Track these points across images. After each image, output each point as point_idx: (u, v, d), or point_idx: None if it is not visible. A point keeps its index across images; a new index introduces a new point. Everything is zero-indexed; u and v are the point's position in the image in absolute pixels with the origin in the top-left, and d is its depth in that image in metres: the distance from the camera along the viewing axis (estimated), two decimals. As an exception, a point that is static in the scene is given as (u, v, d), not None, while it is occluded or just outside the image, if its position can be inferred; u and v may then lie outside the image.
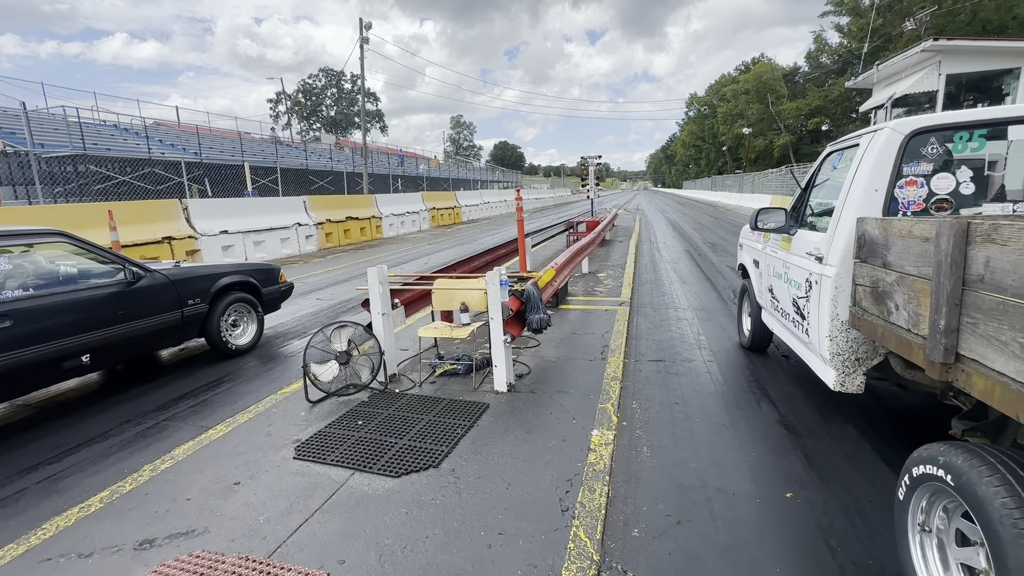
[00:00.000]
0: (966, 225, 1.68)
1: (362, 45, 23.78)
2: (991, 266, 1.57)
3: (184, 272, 4.70)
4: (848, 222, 2.63)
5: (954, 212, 2.55)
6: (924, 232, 1.91)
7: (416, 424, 3.38)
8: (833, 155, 3.35)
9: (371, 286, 4.07)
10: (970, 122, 2.51)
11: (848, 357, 2.68)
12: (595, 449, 2.98)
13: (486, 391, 3.91)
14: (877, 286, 2.30)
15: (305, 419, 3.58)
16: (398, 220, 20.64)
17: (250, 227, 13.35)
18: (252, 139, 32.73)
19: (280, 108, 66.23)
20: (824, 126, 41.24)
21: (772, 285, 3.77)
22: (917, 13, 31.73)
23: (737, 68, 59.86)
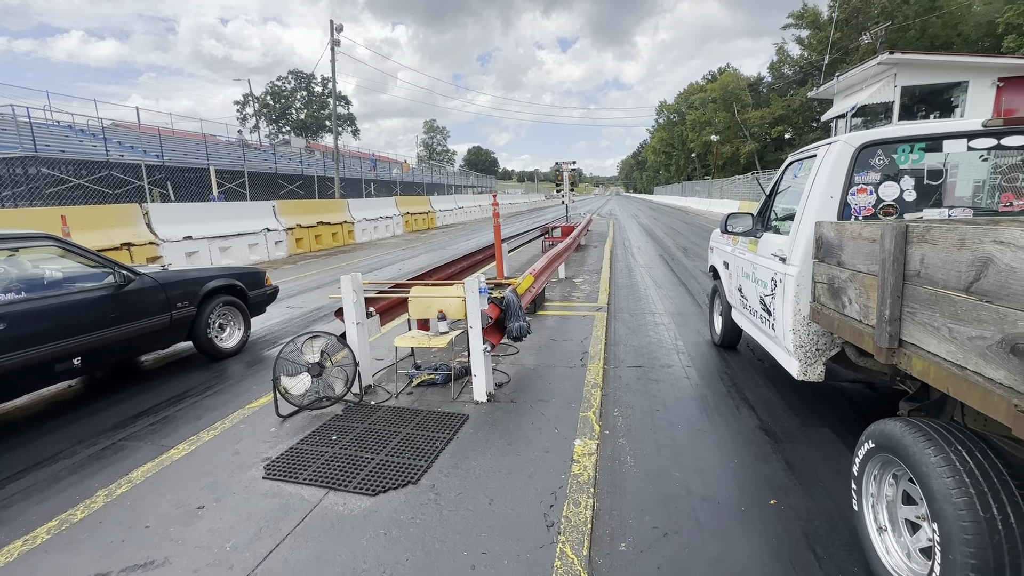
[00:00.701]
0: (905, 227, 1.90)
1: (333, 47, 23.38)
2: (925, 262, 1.80)
3: (172, 276, 4.74)
4: (808, 226, 2.85)
5: (899, 217, 2.79)
6: (871, 234, 2.13)
7: (393, 438, 3.26)
8: (794, 164, 3.60)
9: (344, 294, 3.93)
10: (911, 136, 2.77)
11: (810, 348, 2.90)
12: (578, 460, 2.93)
13: (465, 401, 3.82)
14: (833, 283, 2.52)
15: (275, 435, 3.41)
16: (371, 225, 20.30)
17: (216, 232, 12.88)
18: (218, 142, 31.75)
19: (248, 110, 64.54)
20: (787, 134, 42.78)
21: (741, 285, 4.00)
22: (872, 28, 33.34)
23: (704, 77, 61.53)
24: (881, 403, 3.53)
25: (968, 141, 2.72)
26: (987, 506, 1.50)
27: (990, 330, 1.51)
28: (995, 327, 1.49)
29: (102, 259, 4.19)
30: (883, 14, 35.29)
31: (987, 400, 1.53)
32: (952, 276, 1.67)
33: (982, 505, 1.51)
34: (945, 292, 1.70)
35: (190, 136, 30.72)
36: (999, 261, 1.49)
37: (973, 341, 1.58)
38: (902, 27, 33.65)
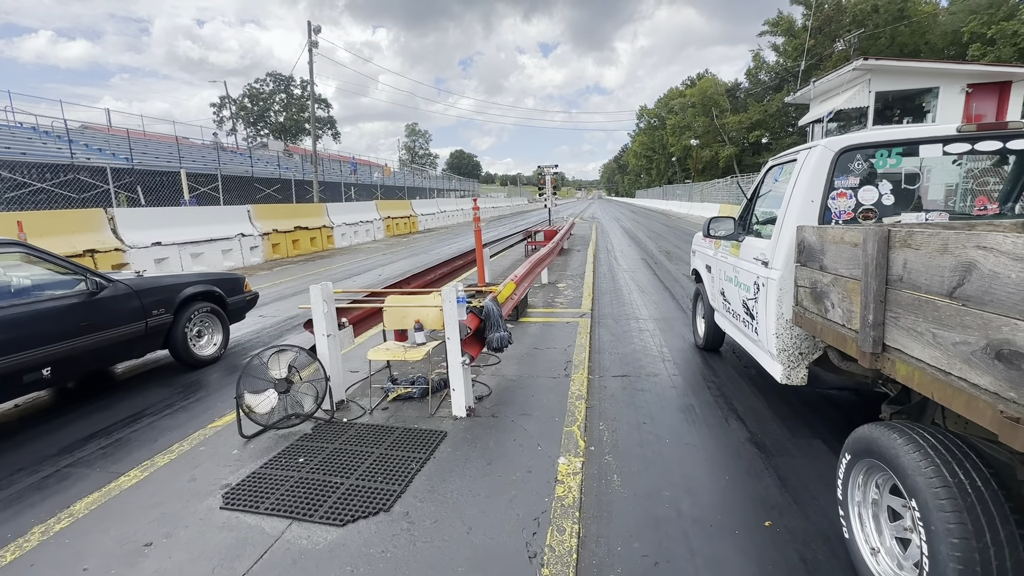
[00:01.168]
0: (888, 232, 1.90)
1: (311, 49, 22.96)
2: (908, 267, 1.81)
3: (148, 282, 4.61)
4: (789, 230, 2.86)
5: (878, 221, 2.82)
6: (854, 238, 2.13)
7: (365, 459, 3.05)
8: (774, 169, 3.60)
9: (314, 305, 3.71)
10: (888, 141, 2.78)
11: (793, 352, 2.91)
12: (563, 480, 2.76)
13: (443, 417, 3.63)
14: (816, 287, 2.53)
15: (237, 458, 3.17)
16: (351, 230, 19.92)
17: (187, 238, 12.43)
18: (192, 144, 30.93)
19: (224, 113, 63.17)
20: (764, 139, 43.55)
21: (724, 288, 4.00)
22: (844, 35, 34.19)
23: (684, 82, 62.39)
24: (869, 412, 3.43)
25: (943, 146, 2.73)
26: (972, 506, 1.51)
27: (974, 336, 1.50)
28: (979, 333, 1.48)
29: (73, 265, 4.06)
30: (854, 22, 36.28)
31: (972, 406, 1.52)
32: (935, 281, 1.67)
33: (967, 506, 1.51)
34: (928, 297, 1.70)
35: (163, 139, 29.86)
36: (982, 266, 1.48)
37: (957, 347, 1.57)
38: (873, 35, 34.60)
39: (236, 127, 62.31)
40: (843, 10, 37.79)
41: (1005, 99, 13.43)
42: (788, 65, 41.16)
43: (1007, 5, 27.05)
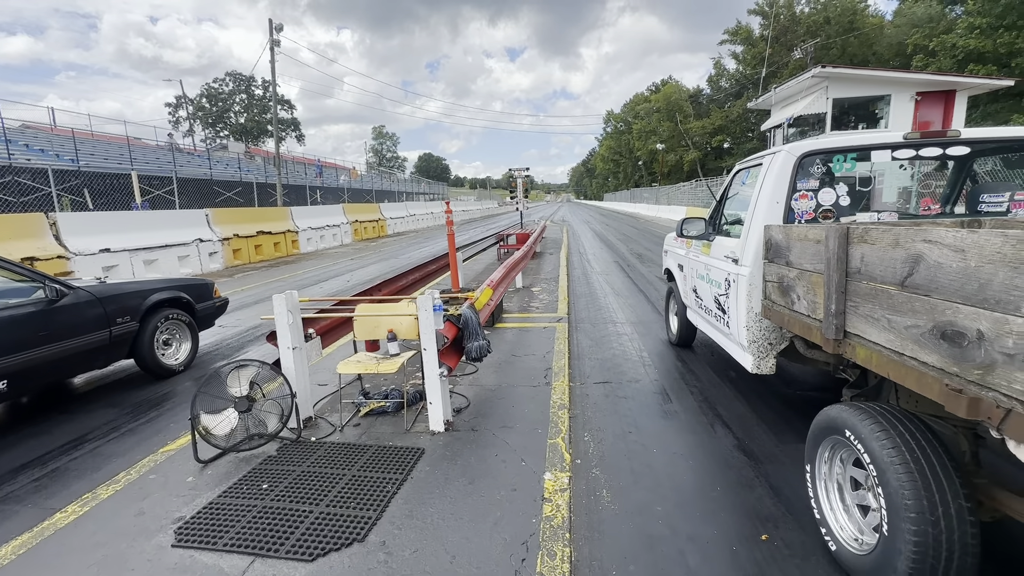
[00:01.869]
0: (847, 230, 2.08)
1: (272, 48, 22.22)
2: (865, 260, 1.98)
3: (111, 289, 4.41)
4: (757, 229, 3.03)
5: (836, 220, 3.01)
6: (817, 236, 2.30)
7: (337, 482, 2.82)
8: (741, 172, 3.82)
9: (278, 315, 3.44)
10: (844, 147, 3.02)
11: (762, 343, 3.09)
12: (550, 498, 2.61)
13: (420, 432, 3.42)
14: (783, 281, 2.68)
15: (193, 487, 2.88)
16: (317, 234, 19.31)
17: (139, 244, 11.71)
18: (145, 146, 29.45)
19: (181, 113, 60.58)
20: (726, 143, 44.88)
21: (696, 286, 4.17)
22: (800, 44, 35.63)
23: (649, 88, 63.67)
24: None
25: (892, 152, 2.97)
26: (921, 467, 1.70)
27: (923, 319, 1.67)
28: (927, 316, 1.65)
29: (30, 272, 3.90)
30: (808, 32, 37.87)
31: (922, 381, 1.69)
32: (889, 272, 1.84)
33: (917, 467, 1.70)
34: (883, 287, 1.87)
35: (113, 139, 28.27)
36: (928, 258, 1.65)
37: (909, 330, 1.74)
38: (825, 45, 36.18)
39: (193, 128, 59.88)
40: (798, 21, 39.39)
41: (951, 106, 14.17)
42: (747, 73, 42.59)
43: (946, 20, 28.77)
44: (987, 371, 1.44)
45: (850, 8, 37.92)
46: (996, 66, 21.98)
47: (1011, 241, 1.37)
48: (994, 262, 1.42)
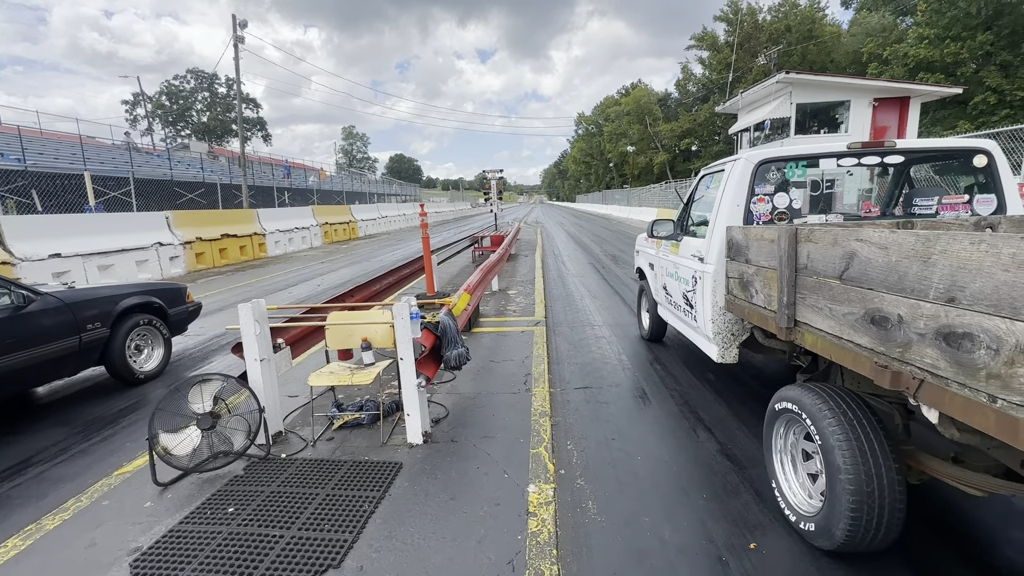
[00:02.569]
0: (796, 230, 2.32)
1: (236, 44, 21.49)
2: (810, 257, 2.23)
3: (81, 294, 4.33)
4: (720, 230, 3.28)
5: (790, 222, 3.27)
6: (771, 236, 2.55)
7: (309, 503, 2.66)
8: (706, 177, 4.07)
9: (244, 326, 3.25)
10: (795, 155, 3.28)
11: (726, 335, 3.33)
12: (535, 512, 2.53)
13: (398, 445, 3.29)
14: (743, 277, 2.93)
15: (151, 512, 2.68)
16: (285, 237, 18.75)
17: (93, 248, 11.08)
18: (100, 145, 28.04)
19: (139, 111, 58.00)
20: (694, 146, 45.94)
21: (666, 283, 4.42)
22: (763, 51, 36.78)
23: (619, 91, 64.58)
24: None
25: (837, 160, 3.25)
26: (858, 438, 1.95)
27: (856, 307, 1.91)
28: (859, 304, 1.90)
29: None
30: (771, 39, 39.14)
31: (857, 360, 1.93)
32: (829, 267, 2.08)
33: (855, 437, 1.95)
34: (825, 280, 2.12)
35: (65, 138, 26.80)
36: (860, 254, 1.90)
37: (846, 316, 1.98)
38: (787, 52, 37.44)
39: (152, 127, 57.44)
40: (761, 28, 40.65)
41: (905, 112, 14.82)
42: (714, 78, 43.67)
43: (897, 30, 30.19)
44: (905, 349, 1.68)
45: (809, 17, 39.37)
46: (943, 75, 23.15)
47: (922, 239, 1.63)
48: (909, 257, 1.67)
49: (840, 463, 1.93)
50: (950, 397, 1.52)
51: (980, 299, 1.41)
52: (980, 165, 3.23)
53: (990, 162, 3.20)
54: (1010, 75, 22.55)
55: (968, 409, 1.46)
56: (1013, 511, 2.46)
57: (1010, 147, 12.02)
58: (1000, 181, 3.21)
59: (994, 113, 22.76)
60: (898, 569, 2.09)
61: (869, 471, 1.89)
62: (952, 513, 2.46)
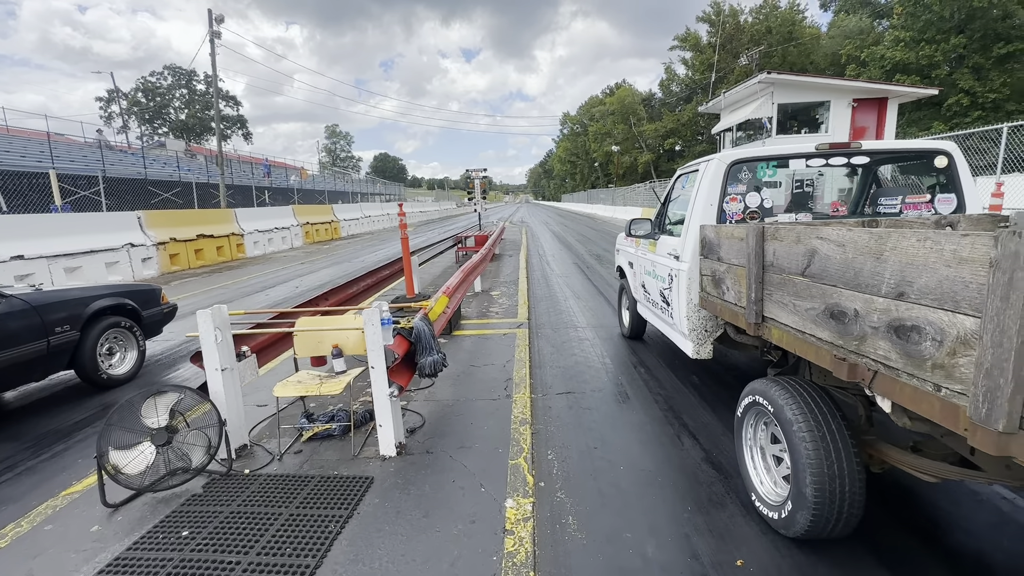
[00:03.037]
0: (763, 229, 2.38)
1: (212, 40, 20.94)
2: (776, 255, 2.29)
3: (48, 296, 4.24)
4: (695, 229, 3.34)
5: (761, 220, 3.31)
6: (740, 234, 2.60)
7: (271, 524, 2.49)
8: (682, 177, 4.15)
9: (203, 334, 3.05)
10: (766, 156, 3.38)
11: (700, 331, 3.40)
12: (512, 529, 2.39)
13: (370, 457, 3.12)
14: (715, 274, 3.00)
15: (97, 538, 2.47)
16: (264, 237, 18.33)
17: (59, 250, 10.65)
18: (70, 142, 27.15)
19: (114, 108, 56.42)
20: (678, 146, 46.27)
21: (644, 281, 4.48)
22: (745, 51, 37.19)
23: (603, 91, 64.78)
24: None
25: (806, 161, 3.34)
26: (821, 428, 2.03)
27: (817, 302, 1.98)
28: (820, 300, 1.96)
29: None
30: (752, 41, 39.60)
31: (819, 354, 2.00)
32: (793, 264, 2.15)
33: (817, 427, 2.03)
34: (789, 277, 2.18)
35: (34, 135, 25.86)
36: (820, 252, 1.96)
37: (808, 311, 2.05)
38: (767, 53, 37.91)
39: (128, 124, 55.96)
40: (742, 29, 41.11)
41: (883, 112, 15.03)
42: (697, 78, 44.05)
43: (874, 32, 30.75)
44: (861, 342, 1.75)
45: (789, 19, 39.93)
46: (919, 76, 23.61)
47: (875, 237, 1.69)
48: (864, 254, 1.74)
49: (803, 453, 2.02)
50: (900, 387, 1.59)
51: (926, 293, 1.47)
52: (941, 166, 3.34)
53: (950, 163, 3.31)
54: (982, 78, 23.09)
55: (916, 398, 1.53)
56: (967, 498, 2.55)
57: (983, 148, 12.26)
58: (960, 181, 3.31)
59: (967, 115, 23.29)
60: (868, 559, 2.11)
61: (831, 460, 1.97)
62: (912, 501, 2.55)
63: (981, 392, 1.28)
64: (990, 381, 1.26)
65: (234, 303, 8.42)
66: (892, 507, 2.48)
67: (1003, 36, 22.23)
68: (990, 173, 11.03)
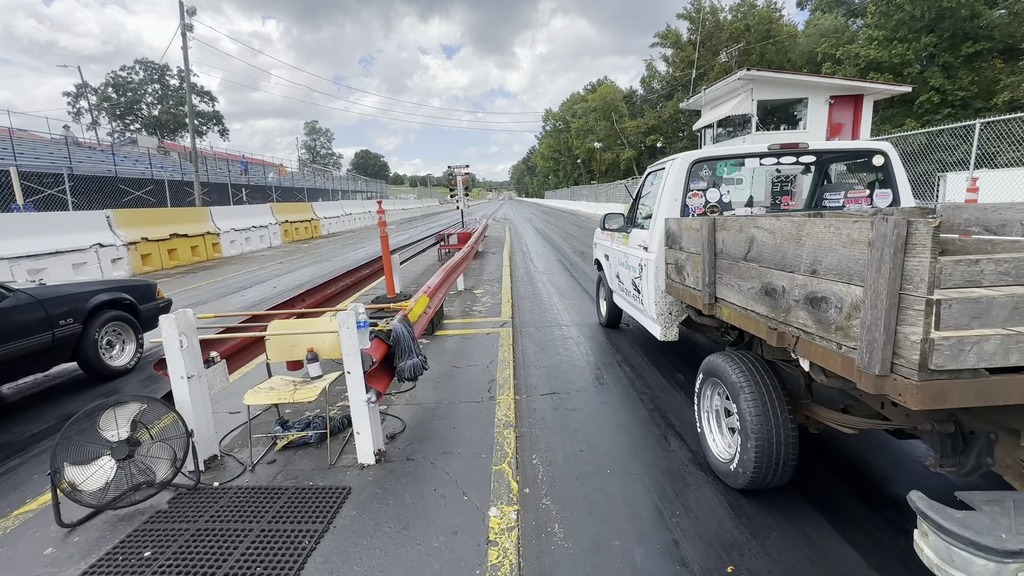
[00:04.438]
0: (713, 220, 2.67)
1: (184, 33, 20.30)
2: (724, 243, 2.59)
3: (52, 291, 4.41)
4: (660, 222, 3.60)
5: (720, 214, 3.58)
6: (696, 226, 2.93)
7: (241, 541, 2.35)
8: (651, 174, 4.38)
9: (166, 340, 2.88)
10: (724, 155, 3.68)
11: (667, 315, 3.68)
12: (496, 540, 2.29)
13: (347, 466, 3.00)
14: (678, 263, 3.27)
15: (50, 562, 2.30)
16: (241, 236, 17.88)
17: (21, 251, 10.18)
18: (35, 138, 26.09)
19: (83, 104, 54.49)
20: (659, 143, 46.57)
21: (619, 272, 4.73)
22: (724, 49, 37.58)
23: (586, 88, 64.88)
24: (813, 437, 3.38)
25: (760, 160, 3.62)
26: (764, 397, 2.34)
27: (755, 282, 2.26)
28: (757, 280, 2.24)
29: None
30: (731, 38, 40.04)
31: (757, 326, 2.28)
32: (737, 250, 2.43)
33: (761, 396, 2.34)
34: (734, 262, 2.46)
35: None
36: (758, 239, 2.24)
37: (749, 291, 2.33)
38: (746, 51, 38.38)
39: (98, 120, 54.13)
40: (721, 27, 41.54)
41: (859, 110, 15.28)
42: (677, 75, 44.37)
43: (849, 31, 31.33)
44: (787, 313, 2.03)
45: (767, 17, 40.46)
46: (892, 75, 24.12)
47: (795, 225, 1.97)
48: (788, 239, 2.02)
49: (748, 413, 2.32)
50: (815, 348, 1.88)
51: (831, 270, 1.76)
52: (878, 164, 3.61)
53: (886, 161, 3.59)
54: (951, 76, 23.68)
55: (826, 356, 1.82)
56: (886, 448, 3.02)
57: (953, 144, 12.52)
58: (895, 177, 3.58)
59: (937, 112, 23.89)
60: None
61: (769, 418, 2.29)
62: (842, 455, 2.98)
63: (864, 345, 1.58)
64: (870, 336, 1.55)
65: (208, 304, 8.15)
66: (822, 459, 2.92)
67: (971, 35, 22.83)
68: (961, 169, 11.29)
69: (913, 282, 1.44)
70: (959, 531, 1.20)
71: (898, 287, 1.47)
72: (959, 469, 1.88)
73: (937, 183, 13.34)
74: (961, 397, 1.44)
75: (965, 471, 1.87)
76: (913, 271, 1.44)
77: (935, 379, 1.43)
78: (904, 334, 1.47)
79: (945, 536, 1.22)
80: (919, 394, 1.43)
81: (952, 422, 1.87)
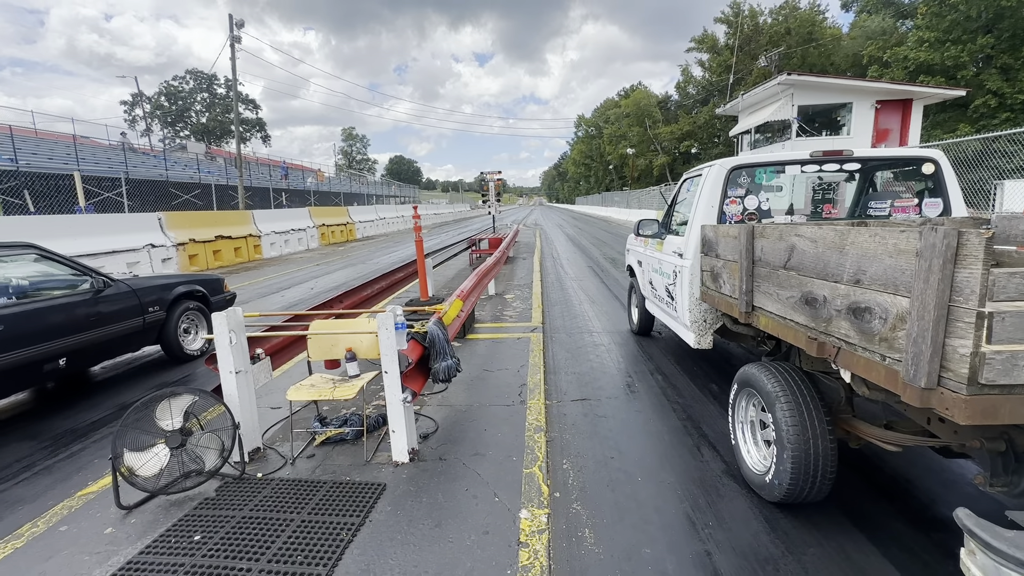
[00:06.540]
0: (752, 228, 2.65)
1: (233, 44, 21.30)
2: (763, 250, 2.56)
3: (143, 282, 4.97)
4: (696, 229, 3.60)
5: (759, 221, 3.55)
6: (734, 233, 2.90)
7: (283, 530, 2.46)
8: (687, 181, 4.39)
9: (218, 336, 3.05)
10: (764, 162, 3.62)
11: (701, 323, 3.65)
12: (527, 542, 2.32)
13: (382, 463, 3.09)
14: (713, 270, 3.25)
15: (111, 540, 2.47)
16: (281, 238, 18.55)
17: (81, 250, 10.86)
18: (95, 145, 27.82)
19: (138, 112, 57.82)
20: (694, 149, 45.78)
21: (652, 279, 4.70)
22: (764, 52, 36.68)
23: (619, 93, 64.49)
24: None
25: (801, 167, 3.59)
26: (801, 409, 2.28)
27: (795, 291, 2.25)
28: (797, 289, 2.22)
29: (79, 266, 4.36)
30: (771, 42, 39.05)
31: (796, 336, 2.25)
32: (776, 258, 2.42)
33: (799, 409, 2.28)
34: (773, 270, 2.45)
35: (61, 138, 26.59)
36: (798, 247, 2.23)
37: (788, 299, 2.31)
38: (787, 55, 37.37)
39: (151, 127, 57.26)
40: (761, 31, 40.57)
41: (908, 114, 14.66)
42: (714, 80, 43.57)
43: (897, 33, 30.10)
44: (828, 323, 2.00)
45: (809, 20, 39.27)
46: (944, 78, 23.02)
47: (838, 234, 1.94)
48: (830, 248, 1.99)
49: (785, 427, 2.27)
50: (857, 359, 1.84)
51: (875, 280, 1.74)
52: (928, 172, 3.51)
53: (937, 169, 3.48)
54: (1011, 78, 22.42)
55: (869, 368, 1.79)
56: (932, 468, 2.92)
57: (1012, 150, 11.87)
58: (946, 186, 3.46)
59: (995, 116, 22.63)
60: None
61: (807, 432, 2.23)
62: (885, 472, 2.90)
63: (910, 357, 1.55)
64: (916, 348, 1.53)
65: (250, 304, 8.50)
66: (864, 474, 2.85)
67: (1033, 36, 21.56)
68: (1020, 176, 10.67)
69: (963, 294, 1.42)
70: (1010, 551, 1.16)
71: (947, 299, 1.45)
72: (1011, 489, 1.81)
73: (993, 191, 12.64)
74: (1014, 413, 1.41)
75: (1017, 491, 1.79)
76: (963, 283, 1.41)
77: (985, 394, 1.40)
78: (952, 347, 1.45)
79: (994, 555, 1.18)
80: (968, 409, 1.40)
81: (1004, 440, 1.80)
